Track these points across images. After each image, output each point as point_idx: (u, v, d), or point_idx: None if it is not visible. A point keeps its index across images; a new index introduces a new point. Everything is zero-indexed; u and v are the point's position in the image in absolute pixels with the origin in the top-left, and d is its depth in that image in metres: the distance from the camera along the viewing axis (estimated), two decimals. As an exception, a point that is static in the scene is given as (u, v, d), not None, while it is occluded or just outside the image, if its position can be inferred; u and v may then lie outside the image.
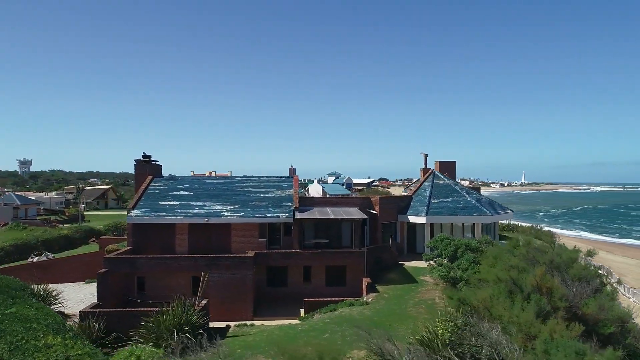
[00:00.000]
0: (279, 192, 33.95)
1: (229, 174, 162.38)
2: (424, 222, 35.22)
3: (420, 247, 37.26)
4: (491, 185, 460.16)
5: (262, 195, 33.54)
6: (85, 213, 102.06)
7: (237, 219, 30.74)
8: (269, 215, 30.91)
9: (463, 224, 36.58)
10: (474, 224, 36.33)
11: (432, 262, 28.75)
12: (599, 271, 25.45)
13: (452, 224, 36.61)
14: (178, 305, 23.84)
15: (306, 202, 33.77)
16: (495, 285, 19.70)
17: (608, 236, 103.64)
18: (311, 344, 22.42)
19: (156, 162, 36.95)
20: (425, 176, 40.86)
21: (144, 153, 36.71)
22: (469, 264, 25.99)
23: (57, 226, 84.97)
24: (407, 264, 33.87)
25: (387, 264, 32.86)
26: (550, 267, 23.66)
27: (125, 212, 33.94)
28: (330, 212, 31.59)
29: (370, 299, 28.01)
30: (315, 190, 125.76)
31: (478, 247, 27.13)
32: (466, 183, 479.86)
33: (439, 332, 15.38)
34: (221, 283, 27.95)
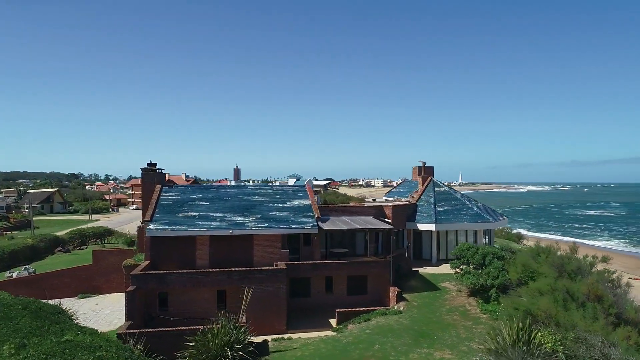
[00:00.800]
0: (296, 202, 33.79)
1: (183, 176, 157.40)
2: (433, 229, 36.47)
3: (426, 253, 38.51)
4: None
5: (280, 205, 33.22)
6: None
7: (261, 230, 30.28)
8: (293, 226, 30.71)
9: (467, 230, 38.25)
10: (476, 230, 38.14)
11: (458, 270, 29.87)
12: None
13: (456, 230, 38.15)
14: (224, 323, 23.23)
15: (323, 211, 33.84)
16: (550, 294, 20.98)
17: (553, 234, 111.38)
18: (365, 357, 22.77)
19: (161, 170, 35.52)
20: (425, 184, 42.19)
21: (149, 161, 35.17)
22: (499, 271, 27.36)
23: (5, 234, 78.64)
24: (420, 270, 34.92)
25: (404, 271, 33.72)
26: (578, 273, 25.46)
27: (73, 217, 32.30)
28: (351, 222, 31.91)
29: (402, 308, 28.68)
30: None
31: (503, 255, 28.60)
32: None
33: (547, 345, 16.24)
34: (255, 297, 27.45)
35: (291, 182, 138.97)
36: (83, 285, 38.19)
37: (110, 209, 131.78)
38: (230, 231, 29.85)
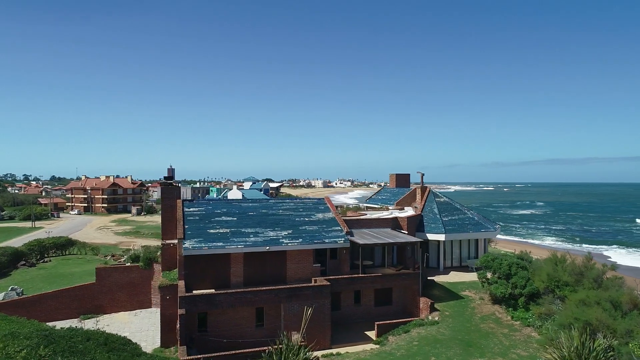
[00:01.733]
0: (320, 216, 34.13)
1: (129, 179, 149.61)
2: (444, 239, 38.38)
3: (432, 261, 40.35)
4: (370, 185, 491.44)
5: (306, 219, 33.40)
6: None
7: (296, 245, 30.36)
8: (326, 241, 31.09)
9: (469, 240, 40.61)
10: (477, 239, 40.63)
11: (484, 279, 31.77)
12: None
13: (460, 240, 40.37)
14: (289, 342, 23.23)
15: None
16: (595, 304, 23.28)
17: (501, 235, 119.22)
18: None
19: (178, 184, 34.33)
20: (425, 195, 44.04)
21: (166, 175, 33.86)
22: (525, 281, 29.61)
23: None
24: (434, 279, 36.60)
25: (424, 281, 35.23)
26: (596, 281, 28.27)
27: (11, 225, 30.93)
28: (379, 235, 32.86)
29: (437, 318, 30.11)
30: (235, 197, 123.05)
31: (525, 265, 30.95)
32: (348, 183, 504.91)
33: (610, 354, 18.09)
34: (301, 314, 27.58)
35: (247, 185, 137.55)
36: (85, 306, 35.88)
37: (50, 215, 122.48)
38: (267, 247, 29.65)
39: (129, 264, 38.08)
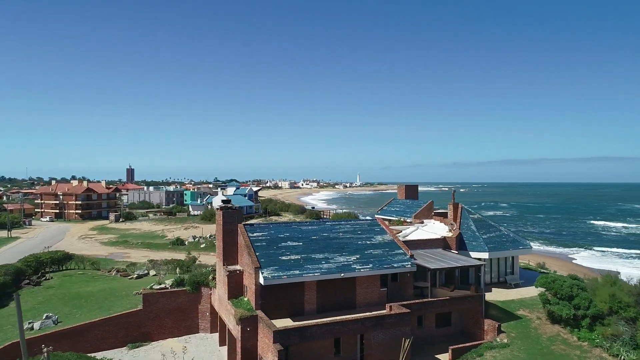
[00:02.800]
0: (380, 238, 34.12)
1: (103, 184, 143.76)
2: (487, 257, 39.22)
3: (471, 279, 41.15)
4: (336, 186, 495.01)
5: (367, 242, 33.30)
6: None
7: (368, 271, 30.25)
8: (395, 265, 31.16)
9: (506, 257, 41.70)
10: (513, 256, 41.83)
11: (546, 300, 32.70)
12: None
13: (498, 258, 41.39)
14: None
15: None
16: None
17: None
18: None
19: (234, 208, 33.36)
20: (458, 212, 44.78)
21: (223, 198, 32.81)
22: (588, 302, 30.80)
23: None
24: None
25: (477, 300, 35.92)
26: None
27: None
28: (443, 258, 33.25)
29: (505, 340, 30.80)
30: (221, 202, 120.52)
31: (584, 286, 32.20)
32: (314, 184, 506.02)
33: None
34: (385, 342, 27.55)
35: (231, 190, 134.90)
36: (132, 334, 34.25)
37: (22, 222, 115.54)
38: (342, 274, 29.39)
39: (170, 287, 36.59)
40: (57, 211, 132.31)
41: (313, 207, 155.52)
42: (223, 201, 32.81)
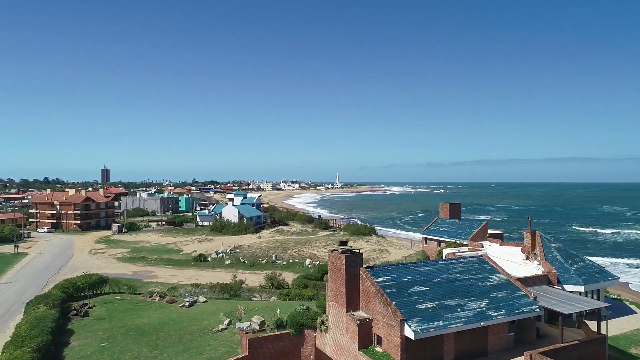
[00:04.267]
0: (495, 278, 33.15)
1: (101, 192, 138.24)
2: (583, 290, 38.75)
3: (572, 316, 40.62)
4: (318, 188, 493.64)
5: (487, 283, 32.28)
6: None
7: (503, 318, 29.23)
8: (525, 310, 30.26)
9: (592, 290, 41.35)
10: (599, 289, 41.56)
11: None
12: None
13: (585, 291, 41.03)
14: None
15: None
16: None
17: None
18: None
19: (356, 251, 31.68)
20: (537, 240, 44.15)
21: (340, 241, 31.18)
22: None
23: None
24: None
25: (585, 338, 35.36)
26: None
27: None
28: (567, 299, 32.52)
29: (637, 386, 30.27)
30: (231, 214, 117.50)
31: None
32: (296, 186, 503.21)
33: None
34: (537, 396, 26.52)
35: (238, 200, 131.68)
36: (237, 384, 32.13)
37: (22, 235, 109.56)
38: (482, 323, 28.28)
39: (277, 332, 34.63)
40: (54, 221, 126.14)
41: (319, 216, 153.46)
42: (341, 242, 31.09)
